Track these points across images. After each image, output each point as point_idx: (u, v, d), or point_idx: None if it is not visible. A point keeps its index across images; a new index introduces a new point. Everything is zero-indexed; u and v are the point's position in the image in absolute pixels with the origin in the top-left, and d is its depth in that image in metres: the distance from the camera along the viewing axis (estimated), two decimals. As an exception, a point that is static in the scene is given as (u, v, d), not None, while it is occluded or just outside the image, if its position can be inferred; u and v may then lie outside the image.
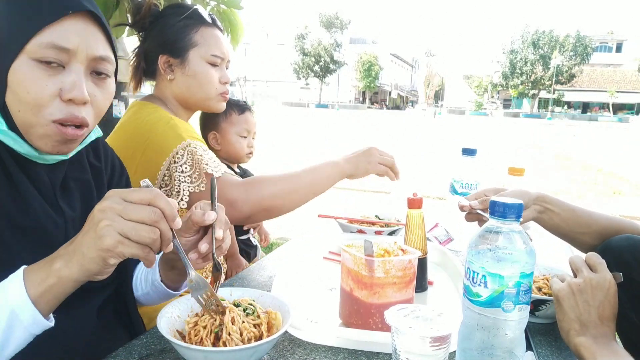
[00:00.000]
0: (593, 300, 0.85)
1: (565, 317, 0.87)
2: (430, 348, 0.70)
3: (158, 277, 1.00)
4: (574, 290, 0.87)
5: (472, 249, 0.77)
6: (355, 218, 1.68)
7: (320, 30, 61.21)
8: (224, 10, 2.20)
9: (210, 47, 1.38)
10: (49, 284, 0.70)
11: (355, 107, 61.42)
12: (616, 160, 11.86)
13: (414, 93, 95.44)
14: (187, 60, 1.37)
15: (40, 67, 0.77)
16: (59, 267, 0.70)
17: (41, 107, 0.78)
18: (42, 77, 0.77)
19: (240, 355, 0.77)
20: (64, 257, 0.71)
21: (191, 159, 1.23)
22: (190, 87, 1.39)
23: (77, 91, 0.79)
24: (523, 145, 15.36)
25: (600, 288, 0.86)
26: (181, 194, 1.22)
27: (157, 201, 0.71)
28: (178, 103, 1.43)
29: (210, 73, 1.39)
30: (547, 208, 1.20)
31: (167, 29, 1.36)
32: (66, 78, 0.79)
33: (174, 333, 0.82)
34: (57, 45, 0.77)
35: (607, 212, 1.24)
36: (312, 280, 1.24)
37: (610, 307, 0.86)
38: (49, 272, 0.70)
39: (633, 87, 58.68)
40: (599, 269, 0.90)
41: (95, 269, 0.70)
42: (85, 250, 0.69)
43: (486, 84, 68.34)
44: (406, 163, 9.76)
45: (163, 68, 1.38)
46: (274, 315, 0.86)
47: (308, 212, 1.81)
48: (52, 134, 0.80)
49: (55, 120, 0.79)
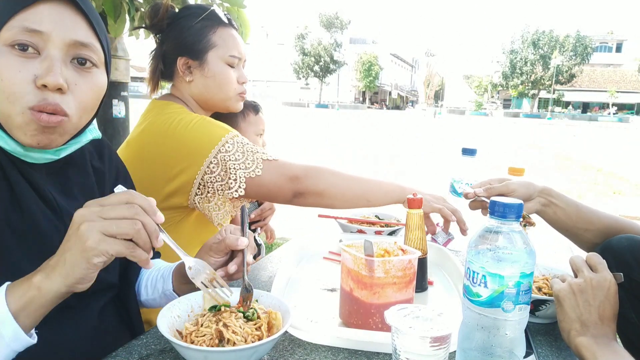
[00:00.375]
0: (594, 300, 0.85)
1: (565, 317, 0.87)
2: (430, 348, 0.70)
3: (170, 287, 1.02)
4: (575, 290, 0.87)
5: (472, 249, 0.77)
6: (355, 218, 1.68)
7: (320, 30, 61.25)
8: (228, 8, 2.20)
9: (229, 48, 1.39)
10: (29, 297, 0.68)
11: (355, 107, 61.44)
12: (616, 160, 11.87)
13: (414, 93, 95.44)
14: (206, 62, 1.38)
15: (13, 52, 0.74)
16: (39, 279, 0.69)
17: (16, 94, 0.75)
18: (15, 63, 0.74)
19: (240, 355, 0.77)
20: (45, 270, 0.69)
21: (242, 147, 1.27)
22: (209, 88, 1.40)
23: (51, 76, 0.75)
24: (523, 145, 15.36)
25: (601, 288, 0.86)
26: (238, 181, 1.26)
27: (134, 199, 0.71)
28: (197, 103, 1.44)
29: (228, 73, 1.40)
30: (551, 202, 1.20)
31: (185, 31, 1.36)
32: (41, 64, 0.76)
33: (174, 333, 0.82)
34: (29, 27, 0.74)
35: (607, 211, 1.24)
36: (312, 280, 1.24)
37: (611, 307, 0.86)
38: (29, 286, 0.69)
39: (633, 87, 58.70)
40: (599, 268, 0.89)
41: (79, 273, 0.68)
42: (68, 256, 0.68)
43: (486, 84, 68.34)
44: (406, 163, 9.76)
45: (182, 70, 1.38)
46: (274, 315, 0.86)
47: (308, 212, 1.81)
48: (29, 122, 0.76)
49: (31, 107, 0.75)
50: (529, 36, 55.30)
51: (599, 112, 58.04)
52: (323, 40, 60.47)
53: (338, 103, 60.07)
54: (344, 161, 9.69)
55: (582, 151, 13.91)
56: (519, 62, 55.77)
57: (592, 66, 61.27)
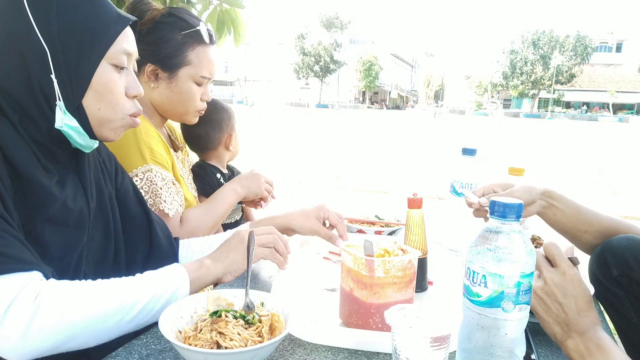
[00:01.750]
0: (563, 297, 0.83)
1: (544, 322, 0.85)
2: (430, 348, 0.70)
3: None
4: (541, 295, 0.85)
5: (472, 249, 0.77)
6: (355, 218, 1.68)
7: (320, 30, 61.20)
8: (226, 9, 2.20)
9: (202, 68, 1.38)
10: (200, 273, 0.98)
11: (356, 107, 61.43)
12: (616, 160, 11.86)
13: (414, 93, 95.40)
14: (175, 77, 1.37)
15: (116, 70, 0.91)
16: (209, 263, 1.01)
17: (119, 104, 0.93)
18: (118, 79, 0.92)
19: (240, 357, 0.77)
20: (214, 258, 1.03)
21: (149, 185, 1.28)
22: (171, 100, 1.40)
23: (138, 89, 0.97)
24: (523, 145, 15.36)
25: (564, 283, 0.83)
26: None
27: (273, 231, 1.14)
28: (154, 108, 1.43)
29: (194, 92, 1.40)
30: (551, 204, 1.20)
31: (164, 42, 1.34)
32: (128, 77, 0.95)
33: (175, 334, 0.83)
34: (127, 51, 0.93)
35: (607, 212, 1.24)
36: (312, 280, 1.24)
37: (583, 296, 0.83)
38: (201, 265, 1.00)
39: (633, 87, 58.68)
40: (557, 260, 0.86)
41: (235, 266, 1.03)
42: (231, 253, 1.04)
43: (486, 84, 68.34)
44: (406, 163, 9.77)
45: (148, 75, 1.37)
46: (277, 317, 0.86)
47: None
48: (127, 125, 0.97)
49: (131, 114, 0.96)
50: (529, 36, 55.30)
51: (599, 112, 58.03)
52: (323, 40, 60.44)
53: (338, 103, 60.05)
54: (344, 161, 9.70)
55: (582, 151, 13.90)
56: (519, 62, 55.76)
57: (592, 66, 61.19)
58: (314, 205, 1.37)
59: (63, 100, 0.86)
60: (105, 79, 0.89)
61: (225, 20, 2.20)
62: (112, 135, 0.96)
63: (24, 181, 0.83)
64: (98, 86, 0.89)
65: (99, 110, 0.91)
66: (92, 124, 0.91)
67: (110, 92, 0.90)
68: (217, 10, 2.18)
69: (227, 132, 1.82)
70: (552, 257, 0.87)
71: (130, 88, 0.95)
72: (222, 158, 1.86)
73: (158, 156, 1.32)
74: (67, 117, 0.87)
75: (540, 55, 54.42)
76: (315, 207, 1.36)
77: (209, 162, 1.82)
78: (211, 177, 1.75)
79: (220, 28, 2.20)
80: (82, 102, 0.89)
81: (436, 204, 5.45)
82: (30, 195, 0.84)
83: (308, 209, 1.35)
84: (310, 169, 8.57)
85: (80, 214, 0.93)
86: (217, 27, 2.19)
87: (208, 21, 2.16)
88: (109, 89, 0.90)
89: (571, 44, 53.02)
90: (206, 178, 1.73)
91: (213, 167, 1.80)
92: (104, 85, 0.89)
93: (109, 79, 0.90)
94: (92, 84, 0.88)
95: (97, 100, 0.90)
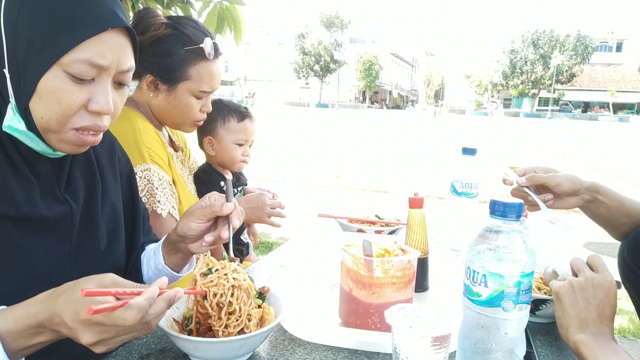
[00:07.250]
0: (594, 298, 0.85)
1: (564, 313, 0.86)
2: (430, 348, 0.70)
3: (162, 260, 1.04)
4: (575, 288, 0.87)
5: (472, 249, 0.77)
6: (355, 218, 1.68)
7: (321, 30, 61.17)
8: (227, 6, 2.20)
9: (202, 83, 1.39)
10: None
11: (356, 107, 61.41)
12: (616, 160, 11.86)
13: (414, 92, 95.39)
14: (174, 90, 1.38)
15: (72, 79, 0.78)
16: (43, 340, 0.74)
17: (68, 117, 0.80)
18: (73, 90, 0.78)
19: (229, 346, 0.78)
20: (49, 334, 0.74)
21: (145, 184, 1.29)
22: (169, 111, 1.42)
23: (105, 105, 0.81)
24: (523, 144, 15.35)
25: (602, 287, 0.86)
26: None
27: (147, 318, 0.71)
28: (153, 114, 1.45)
29: (192, 105, 1.41)
30: (596, 198, 1.19)
31: (167, 56, 1.34)
32: (95, 89, 0.81)
33: (170, 323, 0.85)
34: (94, 62, 0.78)
35: None
36: (312, 279, 1.24)
37: (610, 307, 0.86)
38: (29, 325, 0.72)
39: (633, 86, 58.65)
40: (600, 269, 0.89)
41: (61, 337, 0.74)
42: (63, 329, 0.72)
43: (486, 84, 68.30)
44: (406, 163, 9.76)
45: (148, 85, 1.38)
46: (268, 310, 0.87)
47: (308, 212, 1.81)
48: (72, 140, 0.82)
49: (76, 128, 0.81)
50: (529, 36, 55.25)
51: (599, 111, 57.99)
52: (323, 39, 60.41)
53: (338, 102, 60.02)
54: (344, 161, 9.69)
55: (582, 151, 13.90)
56: (519, 62, 55.72)
57: (592, 66, 61.17)
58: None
59: (15, 99, 0.78)
60: (53, 87, 0.77)
61: (226, 17, 2.20)
62: (61, 148, 0.83)
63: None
64: (43, 93, 0.77)
65: (41, 119, 0.79)
66: (39, 131, 0.81)
67: (56, 101, 0.78)
68: (217, 7, 2.18)
69: (205, 135, 1.78)
70: (596, 265, 0.90)
71: (94, 102, 0.80)
72: (220, 163, 1.83)
73: (156, 156, 1.33)
74: (16, 118, 0.78)
75: (540, 55, 54.37)
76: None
77: (214, 165, 1.82)
78: (215, 183, 1.75)
79: (220, 25, 2.20)
80: (29, 106, 0.78)
81: (436, 204, 5.45)
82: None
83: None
84: (310, 169, 8.57)
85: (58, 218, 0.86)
86: (217, 25, 2.19)
87: (208, 19, 2.16)
88: (55, 99, 0.78)
89: (571, 44, 52.98)
90: (210, 184, 1.72)
91: (218, 175, 1.79)
92: (50, 93, 0.77)
93: (57, 88, 0.77)
94: (37, 89, 0.77)
95: (41, 108, 0.78)
